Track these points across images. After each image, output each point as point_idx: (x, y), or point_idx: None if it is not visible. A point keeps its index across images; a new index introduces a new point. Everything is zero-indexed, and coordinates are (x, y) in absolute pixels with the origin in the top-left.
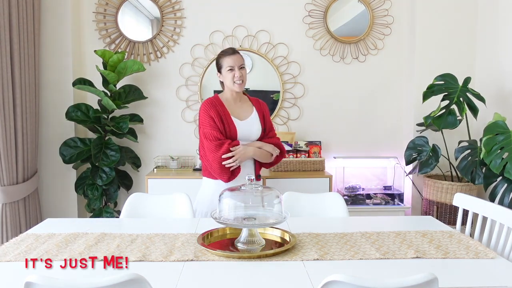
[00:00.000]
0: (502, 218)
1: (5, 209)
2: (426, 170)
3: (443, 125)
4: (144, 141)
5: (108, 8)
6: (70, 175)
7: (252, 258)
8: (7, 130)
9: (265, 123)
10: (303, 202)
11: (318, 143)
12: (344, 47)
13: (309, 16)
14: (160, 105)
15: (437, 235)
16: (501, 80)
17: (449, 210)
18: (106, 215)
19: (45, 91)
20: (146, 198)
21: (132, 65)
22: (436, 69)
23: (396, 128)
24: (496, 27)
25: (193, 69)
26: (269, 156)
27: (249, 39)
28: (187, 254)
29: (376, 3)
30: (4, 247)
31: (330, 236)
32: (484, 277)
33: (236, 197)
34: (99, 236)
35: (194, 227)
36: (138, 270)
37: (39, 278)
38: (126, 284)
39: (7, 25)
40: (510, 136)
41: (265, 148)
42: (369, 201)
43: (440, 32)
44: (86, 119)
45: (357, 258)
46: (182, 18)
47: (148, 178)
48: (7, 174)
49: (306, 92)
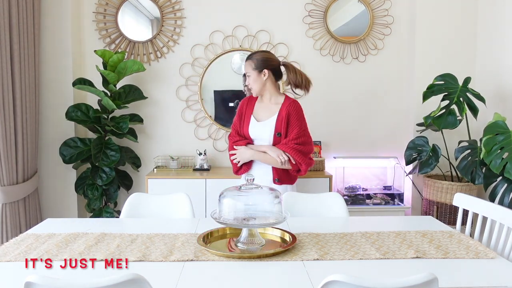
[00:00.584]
0: (502, 218)
1: (5, 209)
2: (426, 170)
3: (443, 125)
4: (144, 141)
5: (108, 8)
6: (70, 175)
7: (252, 258)
8: (7, 130)
9: (284, 127)
10: (303, 202)
11: (318, 143)
12: (344, 47)
13: (309, 16)
14: (160, 105)
15: (437, 235)
16: (501, 80)
17: (449, 210)
18: (106, 215)
19: (45, 91)
20: (146, 198)
21: (132, 65)
22: (436, 69)
23: (396, 128)
24: (496, 27)
25: (193, 69)
26: (275, 161)
27: (249, 39)
28: (187, 254)
29: (376, 3)
30: (4, 247)
31: (330, 236)
32: (484, 277)
33: (236, 197)
34: (99, 236)
35: (194, 227)
36: (138, 270)
37: (39, 278)
38: (126, 284)
39: (7, 25)
40: (510, 136)
41: (269, 152)
42: (369, 201)
43: (440, 32)
44: (86, 119)
45: (357, 258)
46: (182, 18)
47: (148, 178)
48: (7, 174)
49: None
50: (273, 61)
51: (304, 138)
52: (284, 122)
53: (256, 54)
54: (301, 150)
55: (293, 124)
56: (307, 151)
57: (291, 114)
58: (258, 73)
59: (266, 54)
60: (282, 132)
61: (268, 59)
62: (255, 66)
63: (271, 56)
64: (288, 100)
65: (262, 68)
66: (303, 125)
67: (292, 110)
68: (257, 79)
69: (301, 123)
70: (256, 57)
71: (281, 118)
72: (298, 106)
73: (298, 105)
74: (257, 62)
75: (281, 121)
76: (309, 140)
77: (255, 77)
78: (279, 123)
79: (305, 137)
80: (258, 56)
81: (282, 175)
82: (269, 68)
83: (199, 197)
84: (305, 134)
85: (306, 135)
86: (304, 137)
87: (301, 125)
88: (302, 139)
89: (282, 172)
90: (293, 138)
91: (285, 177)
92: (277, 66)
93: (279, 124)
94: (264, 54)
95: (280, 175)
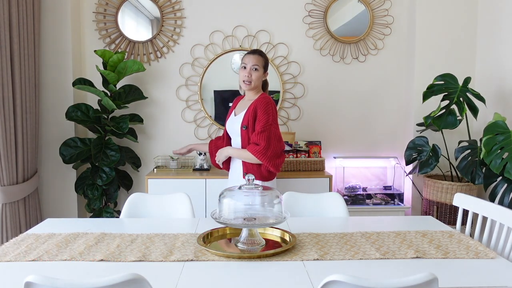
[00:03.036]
0: (502, 218)
1: (5, 209)
2: (426, 170)
3: (443, 125)
4: (144, 141)
5: (108, 8)
6: (70, 175)
7: (252, 258)
8: (7, 130)
9: (251, 121)
10: (303, 202)
11: (318, 143)
12: (344, 47)
13: (309, 16)
14: (160, 105)
15: (437, 235)
16: (501, 80)
17: (449, 210)
18: (106, 215)
19: (45, 91)
20: (146, 198)
21: (132, 65)
22: (436, 69)
23: (396, 128)
24: (496, 27)
25: (193, 69)
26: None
27: (249, 39)
28: (187, 254)
29: (376, 3)
30: (4, 247)
31: (330, 236)
32: (484, 277)
33: (236, 197)
34: (99, 236)
35: (194, 227)
36: (138, 270)
37: (39, 278)
38: (126, 284)
39: (7, 25)
40: (510, 136)
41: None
42: (369, 201)
43: (440, 32)
44: (86, 119)
45: (357, 258)
46: (182, 18)
47: (148, 178)
48: (7, 174)
49: (306, 92)
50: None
51: (267, 133)
52: (251, 116)
53: (264, 54)
54: (259, 150)
55: (259, 118)
56: (271, 149)
57: (258, 108)
58: (264, 72)
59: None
60: (249, 125)
61: (268, 61)
62: (264, 65)
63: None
64: (263, 94)
65: (267, 68)
66: (270, 119)
67: (259, 104)
68: (261, 77)
69: (267, 117)
70: (265, 56)
71: (249, 112)
72: (267, 101)
73: (268, 100)
74: (266, 61)
75: (249, 115)
76: (273, 135)
77: (260, 74)
78: (246, 117)
79: (268, 132)
80: (265, 57)
81: (251, 169)
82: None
83: (199, 197)
84: (270, 128)
85: (271, 130)
86: (267, 132)
87: (267, 119)
88: (265, 133)
89: (250, 166)
90: (256, 135)
91: (254, 172)
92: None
93: (246, 117)
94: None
95: (248, 169)
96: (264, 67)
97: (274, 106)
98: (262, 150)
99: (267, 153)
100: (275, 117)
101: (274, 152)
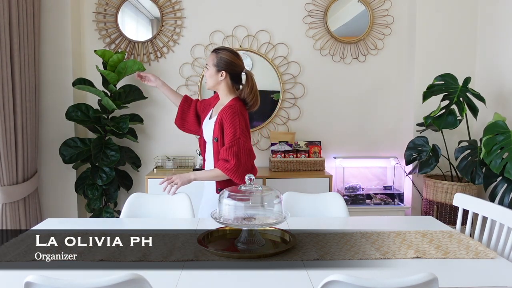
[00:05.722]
0: (502, 218)
1: (5, 209)
2: (426, 170)
3: (443, 125)
4: (144, 141)
5: (108, 8)
6: (70, 175)
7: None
8: (7, 130)
9: (220, 133)
10: (303, 202)
11: (318, 143)
12: (344, 47)
13: (309, 16)
14: (160, 105)
15: (437, 235)
16: (501, 80)
17: (449, 210)
18: (106, 215)
19: (45, 91)
20: (146, 198)
21: (132, 65)
22: (436, 69)
23: (396, 128)
24: (496, 27)
25: (193, 69)
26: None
27: (249, 39)
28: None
29: (376, 3)
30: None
31: (330, 236)
32: (484, 277)
33: (236, 197)
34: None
35: (194, 227)
36: (138, 270)
37: (39, 278)
38: (126, 284)
39: (7, 25)
40: (510, 136)
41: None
42: (369, 201)
43: (440, 32)
44: (86, 119)
45: (357, 258)
46: (182, 18)
47: (148, 178)
48: (7, 174)
49: (306, 92)
50: (236, 66)
51: (236, 148)
52: (218, 128)
53: (224, 52)
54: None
55: (226, 132)
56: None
57: (224, 120)
58: (217, 71)
59: (233, 56)
60: (219, 137)
61: (231, 62)
62: (216, 63)
63: (236, 61)
64: (229, 103)
65: (222, 68)
66: (237, 132)
67: (224, 116)
68: (213, 76)
69: (234, 130)
70: (222, 54)
71: (217, 122)
72: (232, 110)
73: (233, 110)
74: (220, 60)
75: (217, 126)
76: (242, 149)
77: (212, 73)
78: (216, 128)
79: (237, 147)
80: (224, 55)
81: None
82: (228, 71)
83: (199, 197)
84: (238, 142)
85: (239, 144)
86: (236, 147)
87: (234, 132)
88: (234, 149)
89: (224, 183)
90: (225, 148)
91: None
92: (238, 72)
93: (216, 129)
94: (230, 55)
95: (222, 185)
96: (217, 65)
97: (240, 115)
98: (232, 168)
99: (239, 170)
100: (243, 127)
101: (244, 168)
